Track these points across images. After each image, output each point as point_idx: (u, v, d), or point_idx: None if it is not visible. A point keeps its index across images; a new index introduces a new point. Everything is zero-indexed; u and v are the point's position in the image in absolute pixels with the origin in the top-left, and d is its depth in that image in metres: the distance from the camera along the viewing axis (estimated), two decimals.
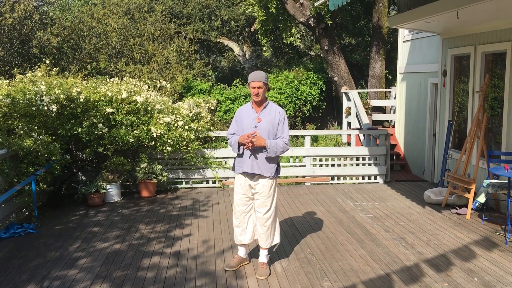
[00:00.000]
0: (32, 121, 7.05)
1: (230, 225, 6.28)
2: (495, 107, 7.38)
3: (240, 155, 4.77)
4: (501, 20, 6.85)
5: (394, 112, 13.22)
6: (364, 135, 10.80)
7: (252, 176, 4.74)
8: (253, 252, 5.29)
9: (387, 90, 14.38)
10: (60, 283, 4.62)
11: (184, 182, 8.83)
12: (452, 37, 8.43)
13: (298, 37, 15.79)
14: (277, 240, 4.94)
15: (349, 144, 12.94)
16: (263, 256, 4.86)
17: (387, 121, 13.91)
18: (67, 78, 8.36)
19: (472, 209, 6.96)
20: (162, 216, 6.94)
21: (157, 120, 7.93)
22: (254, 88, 4.62)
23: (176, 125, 8.06)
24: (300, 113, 15.74)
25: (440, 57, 8.95)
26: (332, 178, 9.20)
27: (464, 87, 8.16)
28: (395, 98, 13.16)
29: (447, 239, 5.84)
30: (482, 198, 6.91)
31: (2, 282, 4.66)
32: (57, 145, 6.95)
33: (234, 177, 5.00)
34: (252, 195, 4.82)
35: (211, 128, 9.23)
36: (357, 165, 9.19)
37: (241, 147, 4.70)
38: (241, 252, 5.01)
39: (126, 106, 7.82)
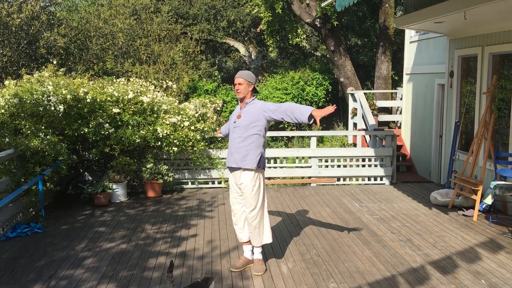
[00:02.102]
0: (39, 121, 7.08)
1: None
2: (502, 108, 7.34)
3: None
4: (509, 21, 6.80)
5: (400, 113, 13.17)
6: (370, 136, 10.77)
7: (235, 171, 4.85)
8: None
9: (394, 91, 14.33)
10: (67, 282, 4.64)
11: (190, 183, 8.84)
12: (459, 38, 8.39)
13: (304, 38, 15.76)
14: (268, 240, 4.94)
15: (355, 145, 12.90)
16: (257, 253, 4.95)
17: (393, 122, 13.87)
18: (74, 79, 8.40)
19: (479, 210, 6.92)
20: (168, 217, 6.95)
21: (163, 120, 7.94)
22: (235, 84, 4.79)
23: (182, 125, 8.07)
24: None
25: (447, 58, 8.92)
26: (338, 179, 9.18)
27: (471, 88, 8.12)
28: (401, 99, 13.12)
29: (453, 240, 5.81)
30: (489, 200, 6.87)
31: (9, 281, 4.68)
32: (63, 145, 6.98)
33: None
34: (240, 191, 4.90)
35: (217, 128, 9.23)
36: (363, 166, 9.17)
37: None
38: (247, 253, 5.02)
39: (132, 107, 7.84)
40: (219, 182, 8.91)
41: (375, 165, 9.16)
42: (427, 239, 5.86)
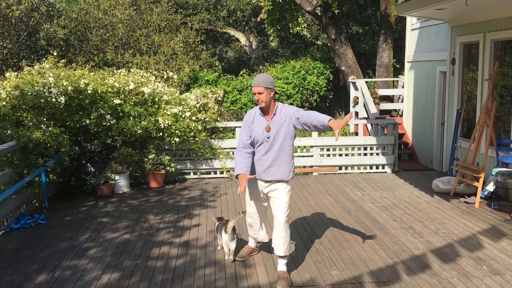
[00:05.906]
0: (40, 113, 7.09)
1: None
2: (504, 95, 7.31)
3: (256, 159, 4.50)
4: (511, 7, 6.76)
5: (402, 101, 13.14)
6: (371, 125, 10.76)
7: (266, 183, 4.51)
8: (264, 245, 5.30)
9: (395, 79, 14.29)
10: (71, 272, 4.68)
11: (192, 173, 8.87)
12: (460, 24, 8.34)
13: (304, 27, 15.68)
14: (290, 250, 4.76)
15: (356, 133, 12.90)
16: (282, 265, 4.49)
17: (395, 110, 13.84)
18: (74, 70, 8.38)
19: (481, 197, 6.93)
20: (171, 207, 6.98)
21: (165, 111, 7.94)
22: (254, 94, 4.34)
23: (183, 116, 8.07)
24: (307, 103, 15.71)
25: (448, 45, 8.87)
26: (340, 168, 9.19)
27: (473, 75, 8.09)
28: (403, 87, 13.08)
29: (455, 228, 5.83)
30: (491, 187, 6.87)
31: (13, 272, 4.72)
32: (65, 136, 6.99)
33: None
34: (265, 196, 4.62)
35: (218, 118, 9.22)
36: (365, 154, 9.17)
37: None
38: (251, 242, 5.03)
39: (133, 97, 7.84)
40: (221, 172, 8.92)
41: (377, 154, 9.16)
42: (429, 227, 5.88)
